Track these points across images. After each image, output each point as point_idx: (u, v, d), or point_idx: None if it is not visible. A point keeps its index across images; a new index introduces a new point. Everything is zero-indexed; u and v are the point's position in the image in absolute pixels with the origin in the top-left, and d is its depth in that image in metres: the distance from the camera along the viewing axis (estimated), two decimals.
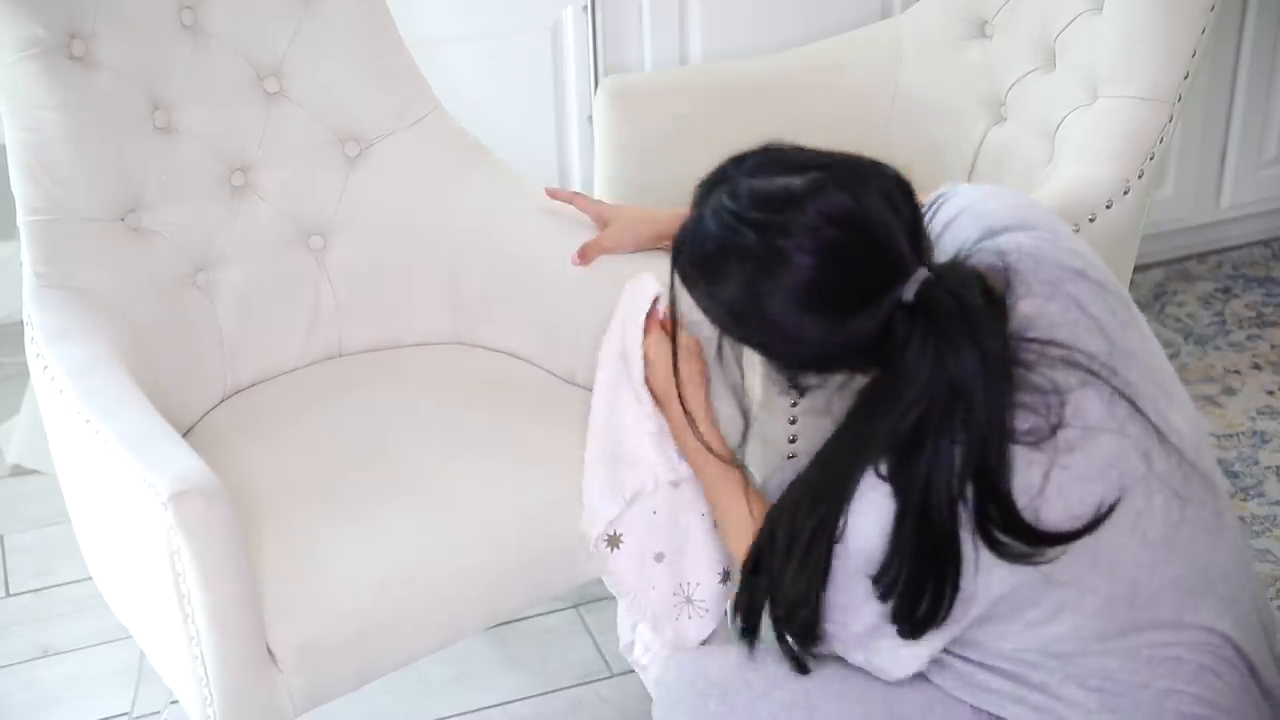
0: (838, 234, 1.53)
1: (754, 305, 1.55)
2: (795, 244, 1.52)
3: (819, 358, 1.59)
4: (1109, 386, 1.58)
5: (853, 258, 1.53)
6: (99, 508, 1.96)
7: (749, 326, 1.59)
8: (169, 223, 2.19)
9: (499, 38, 2.96)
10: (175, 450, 1.78)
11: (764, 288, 1.54)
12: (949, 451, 1.51)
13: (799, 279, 1.52)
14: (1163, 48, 2.38)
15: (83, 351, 1.96)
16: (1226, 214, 3.53)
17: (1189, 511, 1.62)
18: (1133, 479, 1.58)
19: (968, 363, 1.50)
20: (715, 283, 1.58)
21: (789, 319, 1.54)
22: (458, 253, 2.34)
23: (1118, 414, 1.58)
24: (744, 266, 1.55)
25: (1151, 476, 1.59)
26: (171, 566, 1.74)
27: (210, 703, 1.83)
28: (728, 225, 1.56)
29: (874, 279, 1.53)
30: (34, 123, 2.07)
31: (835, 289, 1.53)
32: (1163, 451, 1.61)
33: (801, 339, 1.56)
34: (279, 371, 2.33)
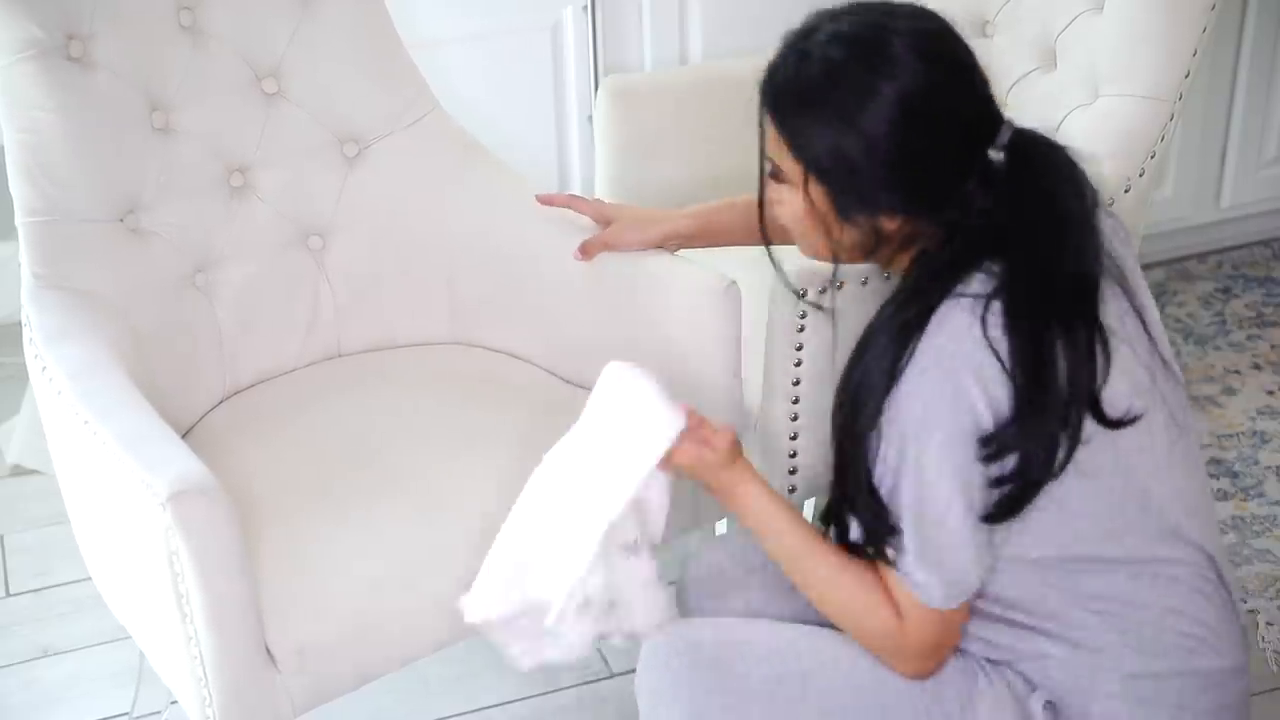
0: (941, 48, 1.61)
1: (863, 116, 1.58)
2: (904, 47, 1.58)
3: (912, 178, 1.61)
4: (1126, 300, 1.64)
5: (956, 73, 1.61)
6: (98, 508, 1.96)
7: (850, 141, 1.59)
8: (168, 223, 2.19)
9: (499, 38, 2.96)
10: (174, 451, 1.78)
11: (874, 97, 1.57)
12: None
13: (910, 82, 1.57)
14: (1163, 47, 2.38)
15: (81, 352, 1.96)
16: (1226, 214, 3.53)
17: (1183, 437, 1.68)
18: (1143, 389, 1.63)
19: (1068, 202, 1.60)
20: (820, 105, 1.60)
21: (890, 137, 1.58)
22: (457, 253, 2.34)
23: (1129, 327, 1.63)
24: (855, 75, 1.59)
25: (1155, 392, 1.64)
26: (170, 567, 1.74)
27: (209, 703, 1.82)
28: (837, 41, 1.60)
29: (974, 105, 1.62)
30: (32, 124, 2.06)
31: (943, 97, 1.59)
32: (1165, 374, 1.66)
33: (897, 157, 1.59)
34: (278, 372, 2.33)
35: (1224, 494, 2.81)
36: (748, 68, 2.84)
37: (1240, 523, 2.73)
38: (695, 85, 2.88)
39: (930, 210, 1.62)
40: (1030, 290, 1.57)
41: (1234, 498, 2.80)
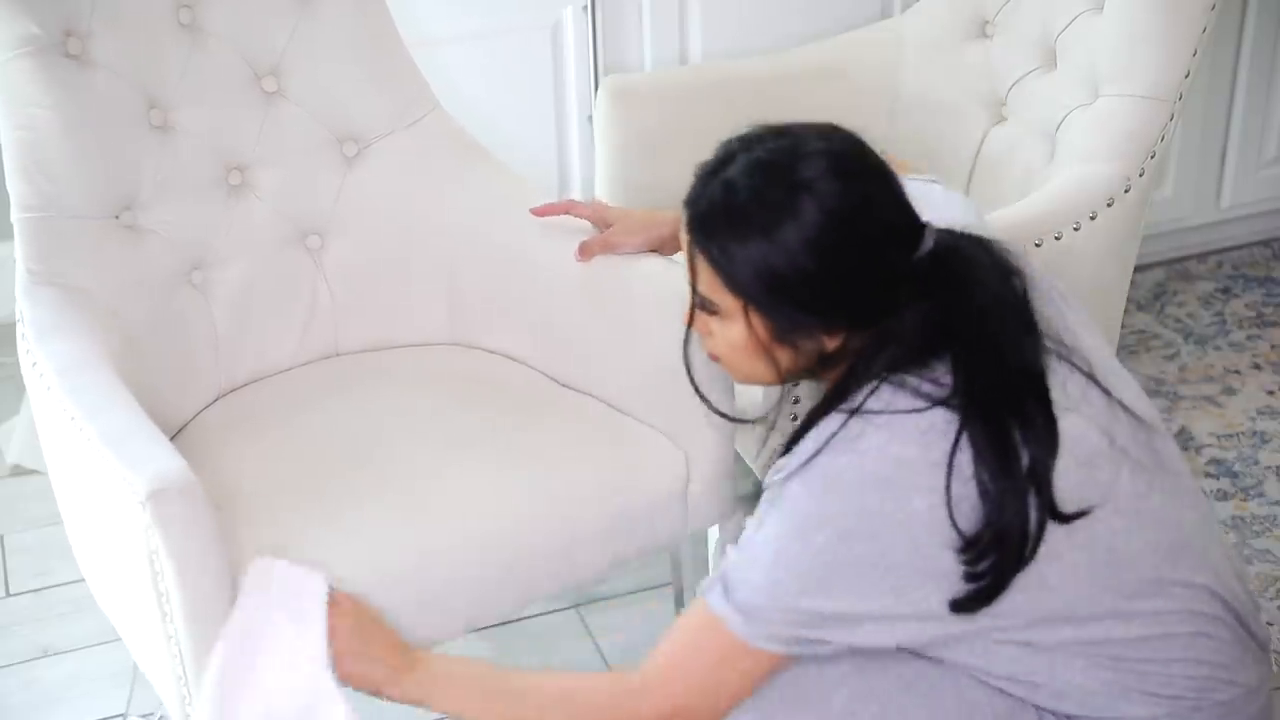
0: (856, 164, 1.63)
1: (791, 238, 1.58)
2: (822, 168, 1.59)
3: (847, 293, 1.61)
4: (1066, 362, 1.64)
5: (874, 185, 1.63)
6: (86, 506, 1.96)
7: (782, 265, 1.59)
8: (164, 221, 2.19)
9: (499, 38, 2.96)
10: (155, 449, 1.77)
11: (799, 218, 1.58)
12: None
13: (832, 201, 1.58)
14: (1164, 47, 2.38)
15: (71, 349, 1.96)
16: (1226, 214, 3.53)
17: (1155, 480, 1.66)
18: (1097, 454, 1.62)
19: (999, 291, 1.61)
20: (747, 232, 1.60)
21: (822, 251, 1.58)
22: (455, 253, 2.34)
23: (1071, 391, 1.63)
24: (777, 200, 1.59)
25: (1114, 450, 1.63)
26: (150, 565, 1.74)
27: (189, 701, 1.82)
28: (757, 169, 1.61)
29: (896, 213, 1.62)
30: (28, 120, 2.06)
31: (865, 210, 1.60)
32: (1125, 423, 1.65)
33: (832, 271, 1.59)
34: (274, 371, 2.32)
35: (1224, 494, 2.81)
36: (748, 68, 2.87)
37: (1240, 523, 2.73)
38: (695, 85, 2.88)
39: (867, 323, 1.62)
40: (981, 392, 1.57)
41: (1234, 498, 2.80)
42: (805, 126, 1.66)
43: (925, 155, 2.79)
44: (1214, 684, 1.67)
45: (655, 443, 2.12)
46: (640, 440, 2.12)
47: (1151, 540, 1.64)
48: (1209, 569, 1.69)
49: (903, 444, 1.56)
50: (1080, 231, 2.27)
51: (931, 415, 1.56)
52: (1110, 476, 1.62)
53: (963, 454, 1.55)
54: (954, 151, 2.75)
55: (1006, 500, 1.55)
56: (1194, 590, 1.67)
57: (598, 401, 2.20)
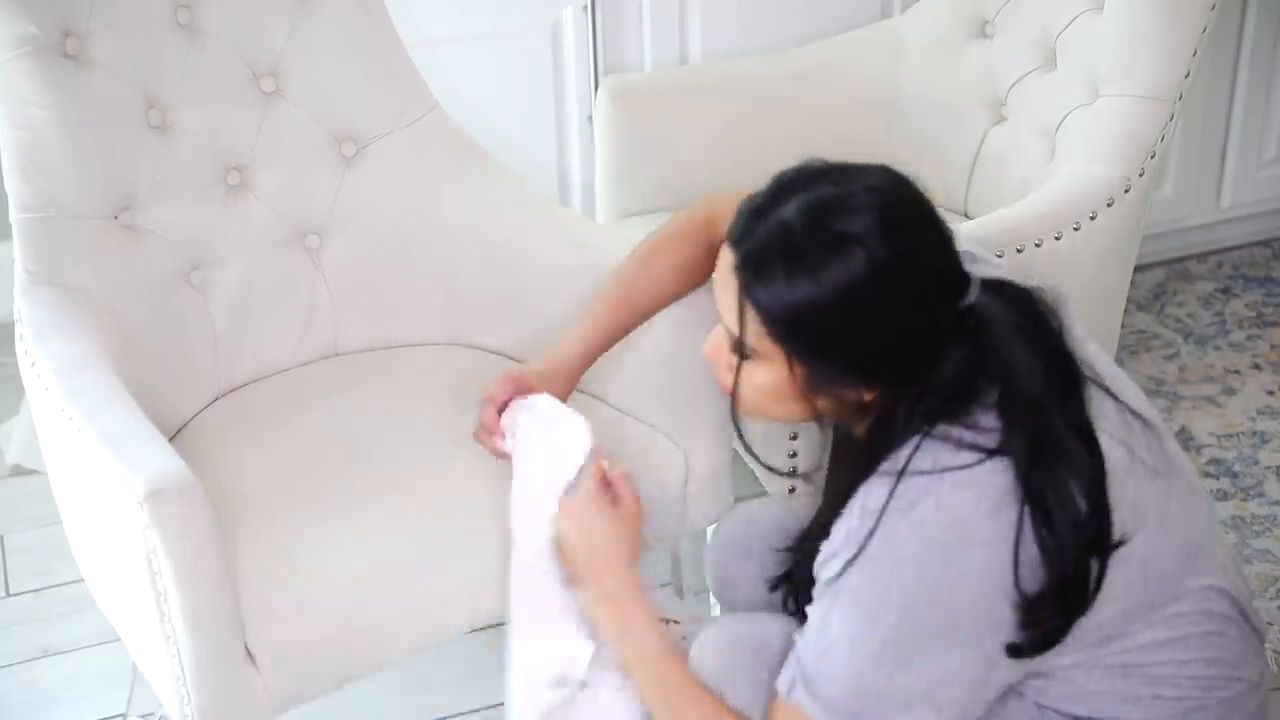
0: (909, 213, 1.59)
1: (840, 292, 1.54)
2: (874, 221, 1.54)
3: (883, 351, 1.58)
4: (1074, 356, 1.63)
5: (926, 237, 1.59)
6: (85, 507, 1.96)
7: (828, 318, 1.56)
8: (163, 221, 2.19)
9: (499, 38, 2.96)
10: (154, 449, 1.77)
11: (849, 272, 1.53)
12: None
13: (883, 255, 1.53)
14: (1164, 47, 2.38)
15: (70, 349, 1.96)
16: (1226, 214, 3.52)
17: (1169, 484, 1.66)
18: (1122, 471, 1.60)
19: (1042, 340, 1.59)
20: (796, 284, 1.55)
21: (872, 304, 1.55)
22: (454, 253, 2.34)
23: (1091, 409, 1.61)
24: (827, 254, 1.54)
25: (1134, 462, 1.62)
26: (148, 565, 1.74)
27: (188, 701, 1.82)
28: (810, 216, 1.56)
29: (945, 265, 1.59)
30: (27, 120, 2.06)
31: (917, 264, 1.56)
32: (1138, 430, 1.64)
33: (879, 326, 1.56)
34: (273, 371, 2.32)
35: (1224, 494, 2.81)
36: (748, 68, 2.87)
37: (1240, 523, 2.73)
38: (695, 85, 2.88)
39: (910, 378, 1.59)
40: (1032, 443, 1.54)
41: (1234, 498, 2.80)
42: (859, 169, 1.61)
43: (925, 155, 2.79)
44: (1220, 681, 1.67)
45: (654, 441, 2.12)
46: (639, 439, 2.12)
47: (1174, 546, 1.64)
48: (1219, 567, 1.70)
49: (956, 505, 1.53)
50: (1080, 231, 2.27)
51: (982, 470, 1.54)
52: (1135, 491, 1.61)
53: (1023, 509, 1.53)
54: (954, 151, 2.75)
55: (1069, 556, 1.53)
56: (1208, 591, 1.67)
57: (596, 400, 2.20)
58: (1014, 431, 1.54)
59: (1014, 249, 2.22)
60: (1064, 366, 1.61)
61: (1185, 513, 1.67)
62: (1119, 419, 1.63)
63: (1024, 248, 2.23)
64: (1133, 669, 1.64)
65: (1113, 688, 1.64)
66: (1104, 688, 1.64)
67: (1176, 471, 1.68)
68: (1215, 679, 1.67)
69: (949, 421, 1.56)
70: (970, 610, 1.55)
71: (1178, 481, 1.68)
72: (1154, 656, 1.64)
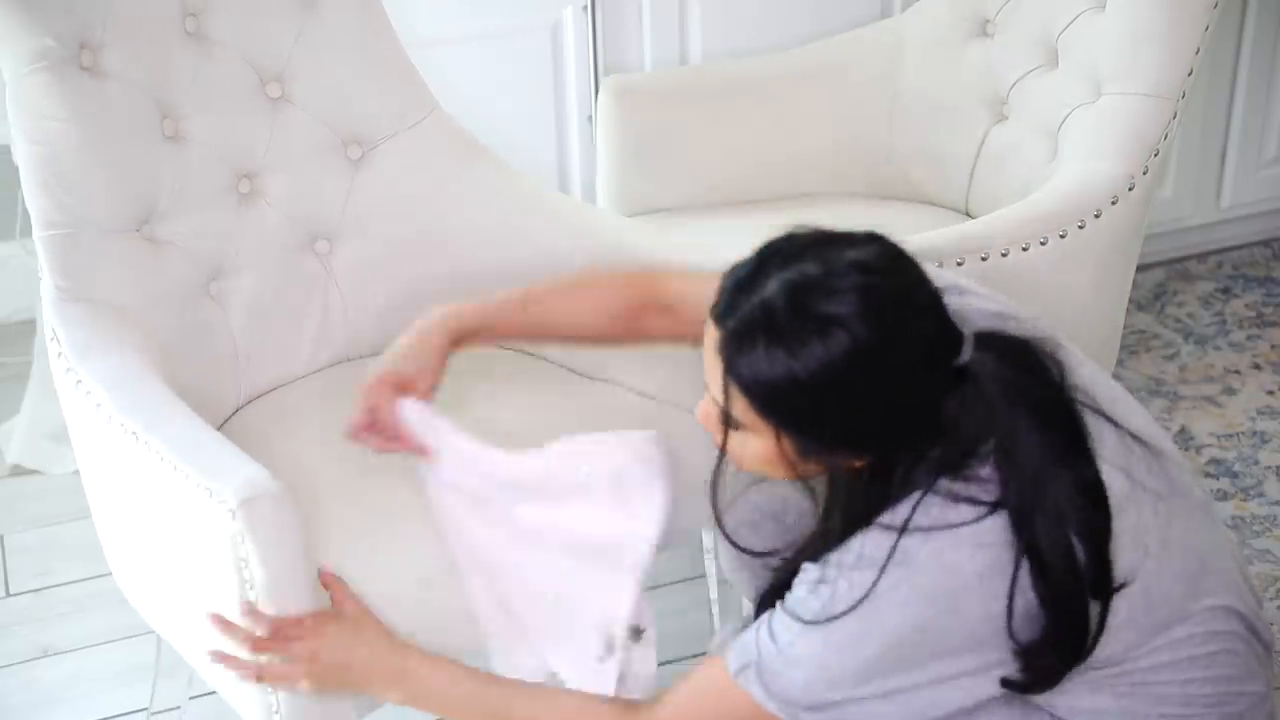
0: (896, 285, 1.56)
1: (822, 371, 1.52)
2: (857, 299, 1.52)
3: (866, 428, 1.57)
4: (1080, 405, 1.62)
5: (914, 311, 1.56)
6: (143, 519, 1.95)
7: (812, 396, 1.54)
8: (182, 232, 2.18)
9: (499, 38, 2.96)
10: (234, 457, 1.77)
11: (833, 352, 1.51)
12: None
13: (867, 335, 1.52)
14: (1166, 45, 2.38)
15: (116, 364, 1.95)
16: (1226, 214, 3.53)
17: (1173, 506, 1.64)
18: (1122, 498, 1.59)
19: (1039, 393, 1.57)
20: (779, 364, 1.53)
21: (857, 384, 1.53)
22: (463, 252, 2.33)
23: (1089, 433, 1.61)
24: (811, 334, 1.52)
25: (1134, 487, 1.61)
26: (238, 574, 1.74)
27: (276, 710, 1.83)
28: (793, 296, 1.54)
29: (934, 334, 1.56)
30: (45, 135, 2.05)
31: (904, 338, 1.54)
32: (1139, 454, 1.63)
33: (865, 403, 1.54)
34: (290, 378, 2.31)
35: (1224, 494, 2.81)
36: (748, 68, 2.87)
37: (1240, 523, 2.73)
38: (695, 85, 2.88)
39: (903, 445, 1.59)
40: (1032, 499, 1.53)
41: (1234, 498, 2.80)
42: (845, 240, 1.58)
43: (926, 155, 2.80)
44: (1228, 697, 1.67)
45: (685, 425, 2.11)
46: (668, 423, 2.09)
47: (1178, 572, 1.63)
48: (1228, 586, 1.68)
49: (953, 565, 1.53)
50: (1085, 230, 2.27)
51: (980, 527, 1.53)
52: (1135, 519, 1.60)
53: (1019, 562, 1.53)
54: (955, 151, 2.75)
55: (1066, 607, 1.54)
56: (1216, 612, 1.66)
57: (623, 389, 2.20)
58: (1010, 485, 1.54)
59: (1019, 247, 2.22)
60: (1065, 419, 1.59)
61: (1189, 534, 1.65)
62: (1118, 444, 1.62)
63: (1029, 246, 2.23)
64: (1139, 688, 1.64)
65: (1118, 706, 1.64)
66: (1109, 706, 1.64)
67: (1179, 492, 1.67)
68: (1223, 695, 1.66)
69: (948, 477, 1.55)
70: (960, 650, 1.56)
71: (1181, 502, 1.66)
72: (1157, 676, 1.64)
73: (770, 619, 1.61)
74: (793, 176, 2.86)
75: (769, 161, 2.86)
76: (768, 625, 1.61)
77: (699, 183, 2.84)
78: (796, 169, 2.86)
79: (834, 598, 1.56)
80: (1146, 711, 1.64)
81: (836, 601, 1.55)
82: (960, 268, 2.19)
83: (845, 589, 1.55)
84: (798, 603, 1.59)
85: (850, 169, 2.87)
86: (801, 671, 1.57)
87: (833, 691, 1.57)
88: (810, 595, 1.58)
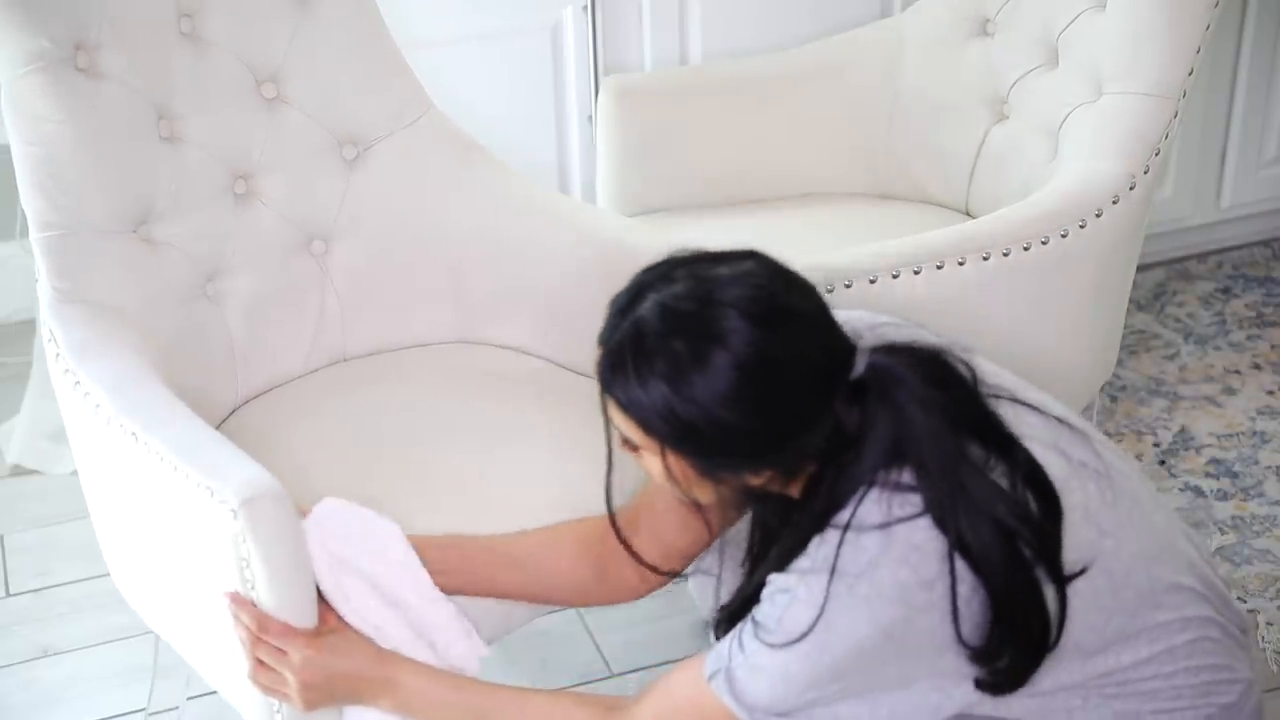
0: (775, 304, 1.54)
1: (701, 388, 1.52)
2: (736, 314, 1.52)
3: (761, 445, 1.56)
4: (995, 399, 1.62)
5: (794, 324, 1.55)
6: (143, 520, 1.95)
7: (693, 413, 1.53)
8: (178, 233, 2.18)
9: (499, 38, 2.96)
10: (235, 457, 1.77)
11: (709, 369, 1.51)
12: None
13: (744, 349, 1.51)
14: (1167, 44, 2.38)
15: (115, 365, 1.95)
16: (1226, 214, 3.53)
17: (1115, 484, 1.65)
18: (1064, 477, 1.60)
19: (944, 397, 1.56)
20: (657, 382, 1.53)
21: (738, 403, 1.52)
22: (459, 250, 2.34)
23: (1008, 417, 1.61)
24: (687, 350, 1.51)
25: (1074, 465, 1.62)
26: (239, 573, 1.74)
27: (278, 710, 1.83)
28: (666, 318, 1.53)
29: (819, 346, 1.56)
30: (41, 136, 2.05)
31: (783, 353, 1.53)
32: (1067, 435, 1.64)
33: (749, 422, 1.54)
34: (286, 379, 2.31)
35: (1224, 494, 2.81)
36: (748, 67, 2.87)
37: (1240, 523, 2.73)
38: (695, 85, 2.88)
39: (798, 457, 1.58)
40: (951, 502, 1.53)
41: (1234, 498, 2.80)
42: (724, 261, 1.57)
43: (926, 154, 2.80)
44: (1215, 686, 1.67)
45: None
46: None
47: (1135, 550, 1.64)
48: (1186, 565, 1.69)
49: (895, 561, 1.53)
50: (1086, 229, 2.27)
51: (917, 525, 1.53)
52: (1082, 497, 1.61)
53: (955, 563, 1.53)
54: (955, 150, 2.75)
55: (1014, 600, 1.54)
56: (1183, 594, 1.67)
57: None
58: (928, 487, 1.53)
59: (1020, 247, 2.22)
60: (980, 415, 1.58)
61: (1139, 514, 1.66)
62: (1042, 424, 1.63)
63: (1030, 245, 2.23)
64: (1127, 687, 1.64)
65: (1111, 711, 1.65)
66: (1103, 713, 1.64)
67: (1117, 471, 1.67)
68: (1209, 685, 1.67)
69: (887, 468, 1.55)
70: (926, 664, 1.57)
71: (1122, 482, 1.67)
72: (1141, 673, 1.64)
73: (741, 630, 1.62)
74: (793, 176, 2.86)
75: (769, 161, 2.86)
76: (739, 635, 1.62)
77: (699, 183, 2.84)
78: (796, 169, 2.86)
79: (792, 604, 1.56)
80: (1139, 709, 1.65)
81: (795, 611, 1.56)
82: (962, 267, 2.19)
83: (804, 595, 1.55)
84: (763, 612, 1.60)
85: (850, 169, 2.87)
86: (766, 679, 1.58)
87: (798, 697, 1.58)
88: (769, 604, 1.59)
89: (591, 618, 2.59)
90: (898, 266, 2.17)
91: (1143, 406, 3.05)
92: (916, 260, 2.19)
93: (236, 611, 1.76)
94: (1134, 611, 1.63)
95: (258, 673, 1.77)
